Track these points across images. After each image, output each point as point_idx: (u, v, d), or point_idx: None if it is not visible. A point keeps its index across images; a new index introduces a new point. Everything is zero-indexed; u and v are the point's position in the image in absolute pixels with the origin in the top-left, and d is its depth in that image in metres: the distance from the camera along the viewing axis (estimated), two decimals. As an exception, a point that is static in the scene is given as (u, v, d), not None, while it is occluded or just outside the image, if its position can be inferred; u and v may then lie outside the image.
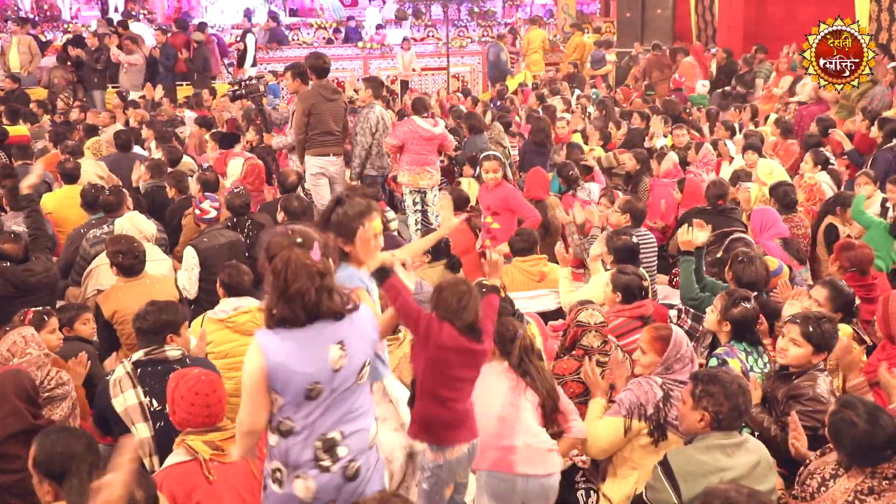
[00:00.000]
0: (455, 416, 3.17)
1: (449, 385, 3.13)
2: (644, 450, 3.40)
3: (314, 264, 2.59)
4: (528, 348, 3.52)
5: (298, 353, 2.60)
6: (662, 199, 7.42)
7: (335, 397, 2.67)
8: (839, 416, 2.99)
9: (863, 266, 4.93)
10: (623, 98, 13.01)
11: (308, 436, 2.66)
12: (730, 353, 3.93)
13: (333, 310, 2.63)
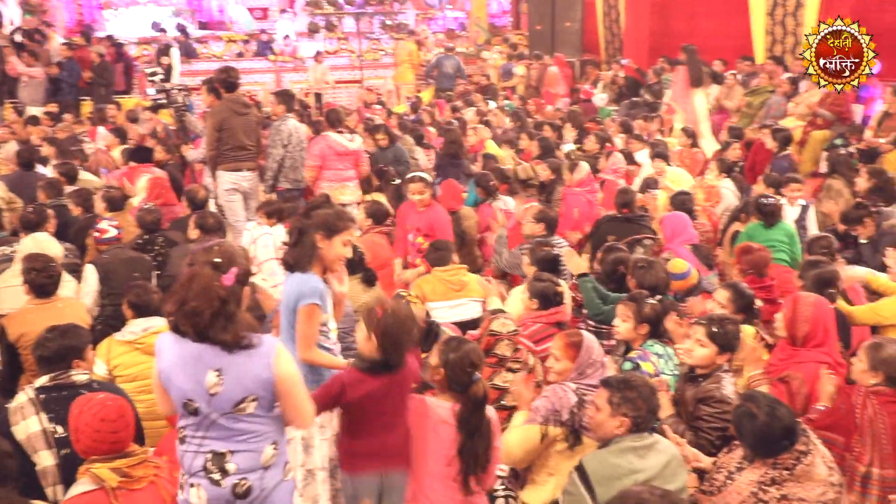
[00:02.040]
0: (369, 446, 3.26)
1: (364, 419, 3.21)
2: (560, 455, 3.45)
3: (219, 288, 2.58)
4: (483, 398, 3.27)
5: (181, 366, 2.65)
6: (575, 207, 7.57)
7: (215, 418, 2.68)
8: (741, 410, 3.13)
9: (761, 269, 5.15)
10: (535, 109, 13.24)
11: (198, 446, 2.71)
12: (643, 356, 4.04)
13: (223, 340, 2.63)
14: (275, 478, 2.83)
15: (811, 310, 4.08)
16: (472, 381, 3.13)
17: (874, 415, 3.44)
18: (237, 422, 2.71)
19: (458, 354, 3.16)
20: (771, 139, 8.70)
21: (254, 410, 2.73)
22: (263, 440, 2.78)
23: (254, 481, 2.74)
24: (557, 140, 9.84)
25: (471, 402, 3.13)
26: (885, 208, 6.68)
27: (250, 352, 2.69)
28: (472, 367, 3.16)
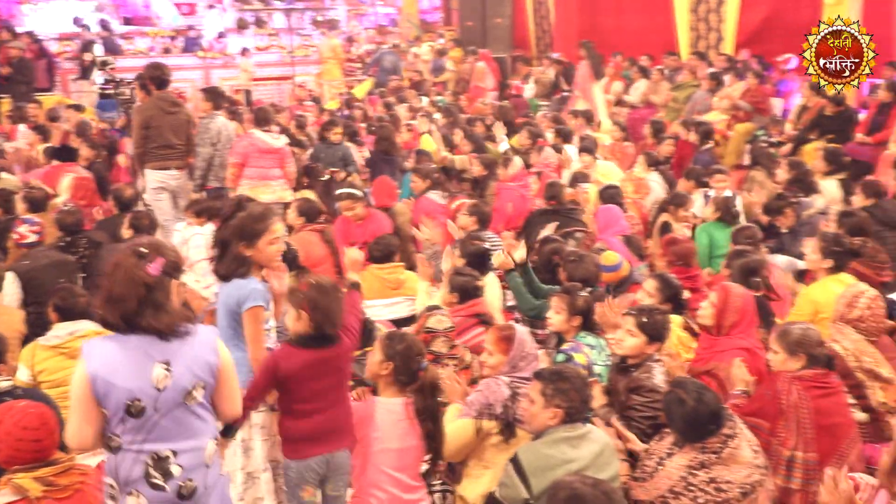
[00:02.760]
0: (314, 428, 3.22)
1: (306, 398, 3.15)
2: (495, 448, 3.48)
3: (144, 276, 2.53)
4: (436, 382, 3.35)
5: (121, 366, 2.56)
6: (509, 202, 7.63)
7: (161, 416, 2.61)
8: (671, 396, 3.22)
9: (687, 259, 5.28)
10: (467, 104, 13.29)
11: (137, 452, 2.61)
12: (576, 347, 4.10)
13: (156, 327, 2.57)
14: (215, 474, 2.80)
15: (740, 301, 4.19)
16: (421, 368, 3.20)
17: (798, 400, 3.54)
18: (184, 415, 2.66)
19: (404, 345, 3.20)
20: (693, 133, 8.92)
21: (201, 399, 2.69)
22: (206, 435, 2.74)
23: (198, 480, 2.69)
24: (488, 135, 9.90)
25: (426, 388, 3.21)
26: (804, 199, 6.91)
27: (191, 339, 2.66)
28: (420, 356, 3.22)
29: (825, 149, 8.05)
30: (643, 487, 3.24)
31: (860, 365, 3.98)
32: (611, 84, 12.80)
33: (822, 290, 4.80)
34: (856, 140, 9.42)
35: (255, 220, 3.40)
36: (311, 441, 3.27)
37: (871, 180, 6.70)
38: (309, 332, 3.22)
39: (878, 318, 4.16)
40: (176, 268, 2.66)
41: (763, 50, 12.33)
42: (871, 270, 5.19)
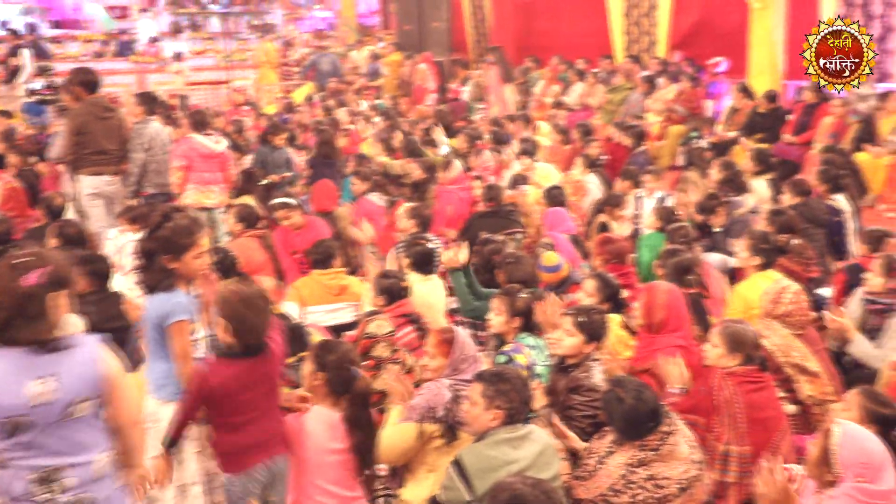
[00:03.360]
0: (251, 438, 3.18)
1: (238, 410, 3.11)
2: (438, 451, 3.48)
3: (16, 287, 2.48)
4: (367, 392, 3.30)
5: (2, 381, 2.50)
6: (449, 205, 7.67)
7: (43, 432, 2.57)
8: (610, 395, 3.27)
9: (622, 257, 5.37)
10: (407, 108, 13.30)
11: (17, 469, 2.56)
12: (517, 349, 4.12)
13: (31, 340, 2.52)
14: (109, 487, 2.74)
15: (664, 297, 4.28)
16: (353, 377, 3.13)
17: (731, 396, 3.64)
18: (71, 429, 2.60)
19: (336, 355, 3.15)
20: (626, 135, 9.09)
21: (88, 412, 2.64)
22: (97, 448, 2.70)
23: (89, 494, 2.64)
24: (426, 139, 9.94)
25: (358, 398, 3.14)
26: (735, 198, 7.09)
27: (74, 352, 2.61)
28: (352, 365, 3.17)
29: (754, 149, 8.28)
30: (584, 486, 3.28)
31: (788, 360, 4.11)
32: (548, 87, 12.96)
33: (752, 287, 4.93)
34: (783, 140, 9.73)
35: (181, 233, 3.32)
36: (250, 451, 3.21)
37: (798, 179, 6.91)
38: (233, 343, 3.19)
39: (802, 312, 4.30)
40: (59, 280, 2.58)
41: (694, 53, 12.63)
42: (799, 267, 5.36)
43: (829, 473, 2.75)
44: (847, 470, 2.70)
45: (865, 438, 2.77)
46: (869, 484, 2.66)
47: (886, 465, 2.72)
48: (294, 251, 6.42)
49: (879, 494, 2.65)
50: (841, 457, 2.72)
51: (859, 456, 2.70)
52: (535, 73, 13.84)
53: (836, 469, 2.73)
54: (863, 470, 2.68)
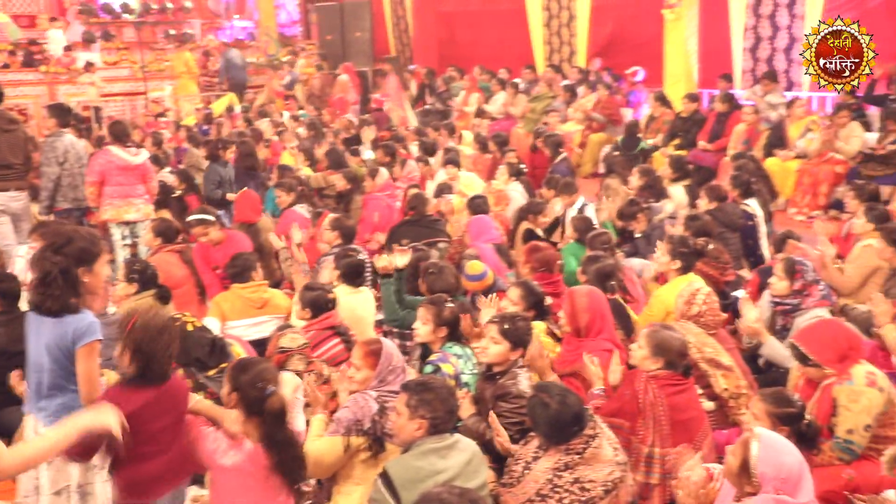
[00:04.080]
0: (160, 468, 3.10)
1: (147, 440, 3.03)
2: (365, 464, 3.45)
3: None
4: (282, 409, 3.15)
5: None
6: (375, 211, 7.66)
7: None
8: (535, 400, 3.29)
9: (549, 265, 5.43)
10: (330, 118, 13.22)
11: None
12: (443, 358, 4.12)
13: None
14: None
15: (586, 300, 4.34)
16: (266, 395, 3.04)
17: (654, 398, 3.71)
18: None
19: (249, 375, 3.07)
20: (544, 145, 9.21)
21: None
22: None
23: None
24: (355, 148, 9.89)
25: (271, 418, 3.04)
26: (654, 204, 7.26)
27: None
28: (264, 382, 3.07)
29: (671, 157, 8.51)
30: (511, 492, 3.29)
31: (703, 355, 4.22)
32: (469, 96, 13.06)
33: (671, 290, 5.04)
34: (699, 147, 10.03)
35: (91, 243, 3.26)
36: (159, 481, 3.13)
37: (713, 185, 7.12)
38: (134, 371, 3.09)
39: (714, 313, 4.43)
40: None
41: (613, 63, 12.93)
42: (715, 270, 5.51)
43: (749, 485, 2.81)
44: (766, 483, 2.76)
45: (783, 452, 2.82)
46: (788, 497, 2.72)
47: (804, 476, 2.78)
48: (215, 266, 6.29)
49: (798, 508, 2.72)
50: (760, 470, 2.77)
51: (778, 471, 2.75)
52: (457, 82, 13.94)
53: (755, 482, 2.79)
54: (782, 484, 2.73)
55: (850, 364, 3.76)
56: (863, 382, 3.68)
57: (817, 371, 3.85)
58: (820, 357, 3.82)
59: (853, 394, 3.65)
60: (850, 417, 3.64)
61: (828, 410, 3.73)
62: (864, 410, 3.62)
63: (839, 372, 3.75)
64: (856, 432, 3.63)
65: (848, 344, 3.82)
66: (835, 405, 3.70)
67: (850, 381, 3.69)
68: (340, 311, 4.87)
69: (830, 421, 3.72)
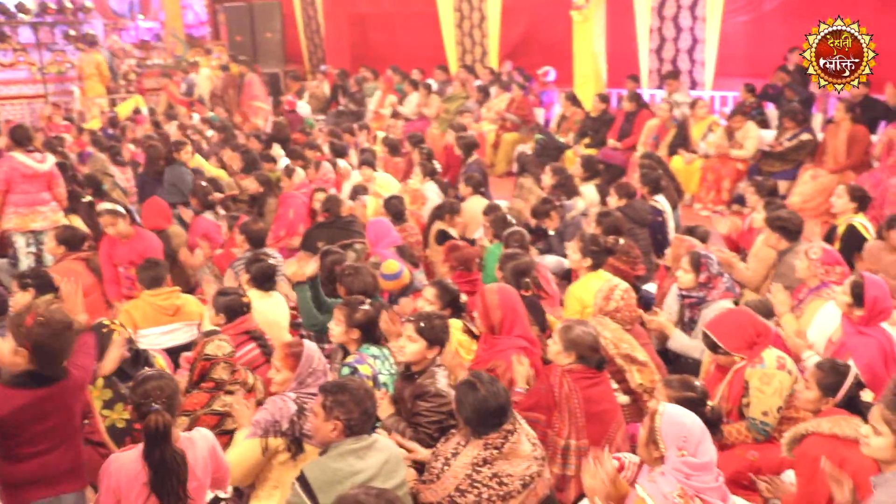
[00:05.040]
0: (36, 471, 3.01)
1: (28, 441, 2.95)
2: (283, 466, 3.42)
3: None
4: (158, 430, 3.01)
5: None
6: (291, 209, 7.58)
7: None
8: (465, 383, 3.33)
9: (468, 264, 5.48)
10: (241, 121, 13.00)
11: None
12: (360, 360, 4.11)
13: None
14: None
15: (497, 297, 4.39)
16: (148, 412, 2.96)
17: (569, 392, 3.79)
18: None
19: (142, 389, 3.04)
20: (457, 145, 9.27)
21: None
22: None
23: None
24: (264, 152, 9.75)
25: (151, 436, 2.94)
26: (567, 202, 7.40)
27: None
28: (148, 399, 3.01)
29: (582, 156, 8.68)
30: (431, 489, 3.31)
31: (619, 351, 4.34)
32: (385, 97, 13.05)
33: (584, 286, 5.17)
34: (609, 146, 10.28)
35: None
36: (36, 484, 3.04)
37: (623, 182, 7.30)
38: (28, 369, 2.99)
39: (630, 309, 4.56)
40: None
41: (524, 63, 13.11)
42: (626, 266, 5.66)
43: (656, 451, 2.93)
44: (670, 446, 2.88)
45: (685, 415, 2.97)
46: (692, 457, 2.85)
47: (705, 437, 2.92)
48: (117, 263, 6.12)
49: (700, 466, 2.85)
50: (664, 434, 2.90)
51: (680, 431, 2.89)
52: (370, 83, 13.90)
53: (661, 446, 2.90)
54: (684, 444, 2.87)
55: (760, 349, 3.93)
56: (774, 365, 3.85)
57: (727, 358, 4.01)
58: (729, 345, 3.98)
59: (765, 377, 3.82)
60: (763, 400, 3.80)
61: (739, 392, 3.89)
62: (776, 393, 3.79)
63: (749, 357, 3.92)
64: (770, 414, 3.80)
65: (755, 331, 3.98)
66: (746, 387, 3.86)
67: (762, 365, 3.86)
68: (254, 316, 4.80)
69: (741, 402, 3.88)
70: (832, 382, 3.43)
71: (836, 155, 8.63)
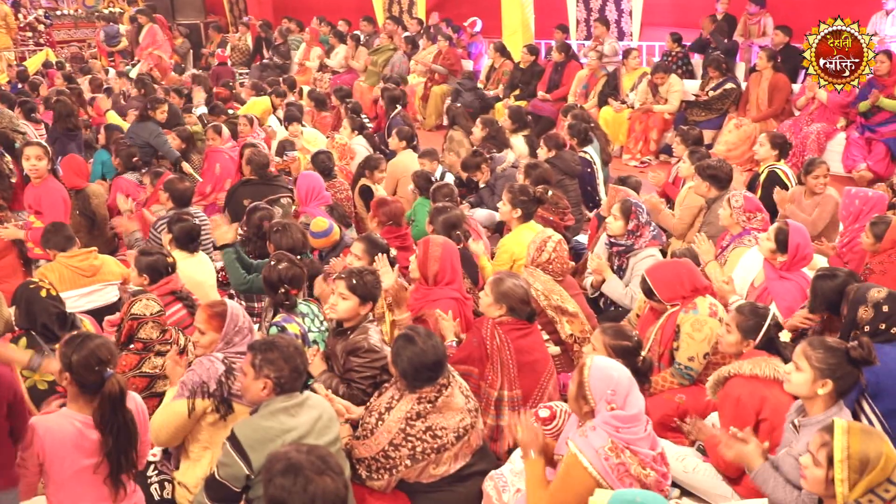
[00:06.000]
0: None
1: None
2: (213, 427, 3.36)
3: None
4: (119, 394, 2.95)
5: None
6: (217, 163, 7.39)
7: None
8: (402, 336, 3.34)
9: (397, 219, 5.43)
10: (161, 75, 12.55)
11: None
12: (287, 318, 4.05)
13: None
14: None
15: (439, 250, 4.40)
16: (103, 378, 2.89)
17: (501, 343, 3.81)
18: None
19: (81, 354, 2.89)
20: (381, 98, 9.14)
21: None
22: None
23: None
24: (188, 105, 9.44)
25: (107, 401, 2.89)
26: (497, 154, 7.38)
27: None
28: (102, 365, 2.91)
29: (510, 108, 8.65)
30: (365, 444, 3.30)
31: (550, 303, 4.37)
32: (310, 50, 12.75)
33: (515, 238, 5.18)
34: (538, 97, 10.27)
35: None
36: None
37: (552, 134, 7.31)
38: None
39: (562, 260, 4.59)
40: None
41: (452, 14, 12.95)
42: (556, 216, 5.69)
43: (586, 405, 2.96)
44: (599, 399, 2.92)
45: (612, 368, 3.00)
46: (620, 410, 2.89)
47: (632, 389, 2.97)
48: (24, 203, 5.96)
49: (629, 419, 2.90)
50: (592, 387, 2.93)
51: (608, 384, 2.93)
52: (294, 35, 13.55)
53: (590, 399, 2.94)
54: (612, 397, 2.90)
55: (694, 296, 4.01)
56: (706, 313, 3.93)
57: (660, 304, 4.08)
58: (663, 294, 4.06)
59: (697, 323, 3.90)
60: (692, 345, 3.88)
61: (671, 336, 3.98)
62: (706, 339, 3.87)
63: (683, 303, 3.99)
64: (696, 359, 3.89)
65: (692, 286, 4.06)
66: (678, 332, 3.94)
67: (695, 311, 3.94)
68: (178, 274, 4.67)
69: (672, 346, 3.96)
70: (752, 325, 3.52)
71: (758, 103, 8.80)
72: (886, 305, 3.47)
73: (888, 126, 7.86)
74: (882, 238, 4.56)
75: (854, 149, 7.99)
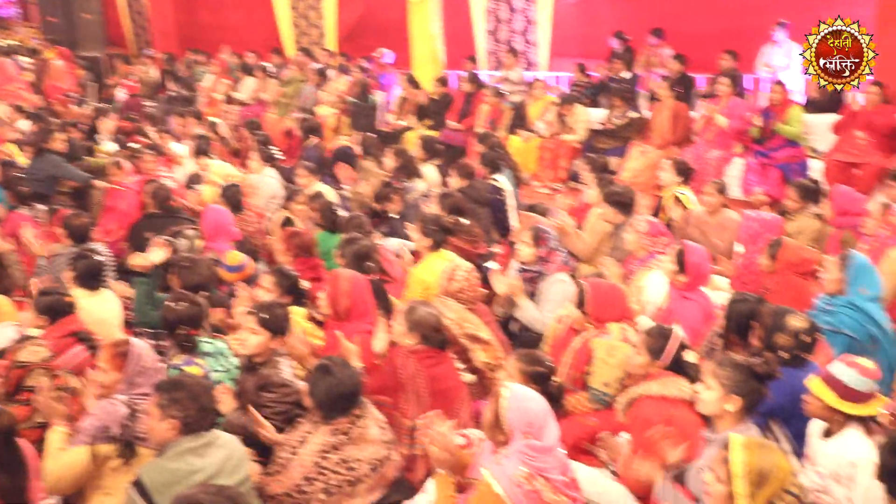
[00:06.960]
0: None
1: None
2: (115, 472, 3.21)
3: None
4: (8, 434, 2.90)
5: None
6: (121, 200, 7.16)
7: None
8: (319, 366, 3.30)
9: (309, 250, 5.38)
10: (62, 109, 12.12)
11: None
12: (189, 360, 3.91)
13: None
14: None
15: (348, 284, 4.36)
16: None
17: (415, 372, 3.81)
18: None
19: None
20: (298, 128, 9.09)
21: None
22: None
23: None
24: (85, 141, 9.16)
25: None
26: (408, 184, 7.41)
27: None
28: None
29: (421, 137, 8.71)
30: (277, 480, 3.23)
31: (463, 331, 4.39)
32: (217, 82, 12.57)
33: (426, 268, 5.19)
34: (449, 127, 10.38)
35: None
36: None
37: (463, 163, 7.39)
38: None
39: (473, 289, 4.64)
40: None
41: (362, 45, 13.00)
42: (468, 244, 5.73)
43: (501, 434, 2.97)
44: (515, 430, 2.93)
45: (529, 399, 3.02)
46: (535, 441, 2.91)
47: (548, 421, 3.00)
48: None
49: (544, 449, 2.92)
50: (509, 418, 2.94)
51: (524, 416, 2.94)
52: (201, 67, 13.35)
53: (506, 429, 2.95)
54: (528, 428, 2.93)
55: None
56: (618, 337, 4.01)
57: (583, 318, 4.17)
58: (594, 312, 4.15)
59: (611, 348, 3.97)
60: (606, 371, 3.94)
61: (584, 361, 4.03)
62: (619, 364, 3.94)
63: (597, 326, 4.07)
64: (610, 385, 3.94)
65: (620, 313, 4.18)
66: (591, 357, 4.00)
67: (608, 336, 4.01)
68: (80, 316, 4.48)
69: (585, 370, 4.01)
70: (659, 346, 3.61)
71: (661, 131, 9.11)
72: (808, 336, 3.64)
73: (781, 151, 8.29)
74: (777, 258, 4.78)
75: (751, 174, 8.35)
